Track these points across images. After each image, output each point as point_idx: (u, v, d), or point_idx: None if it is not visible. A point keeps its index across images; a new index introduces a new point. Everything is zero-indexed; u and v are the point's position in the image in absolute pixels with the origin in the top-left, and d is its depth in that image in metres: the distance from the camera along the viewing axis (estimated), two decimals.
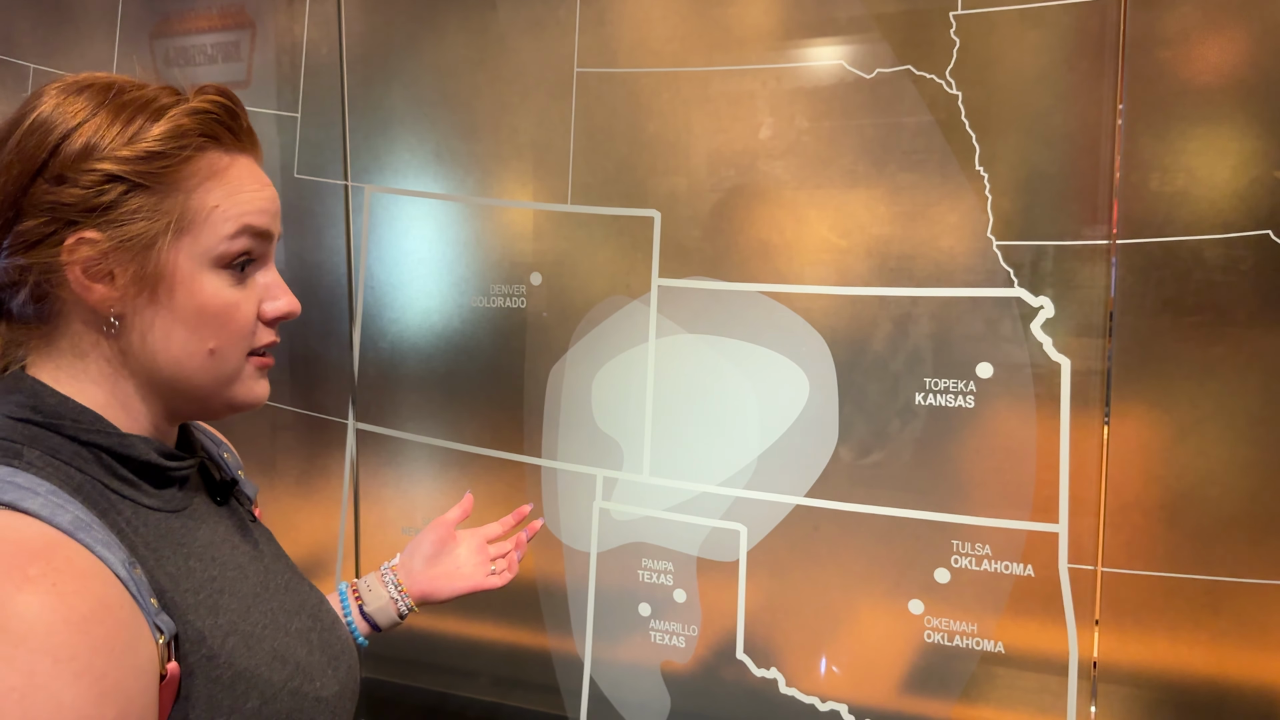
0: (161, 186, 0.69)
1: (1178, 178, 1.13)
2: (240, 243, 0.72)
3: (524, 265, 1.48)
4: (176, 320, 0.70)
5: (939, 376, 1.24)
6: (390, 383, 1.60)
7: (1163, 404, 1.16)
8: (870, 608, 1.30)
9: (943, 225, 1.22)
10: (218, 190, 0.71)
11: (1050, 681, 1.21)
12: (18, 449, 0.66)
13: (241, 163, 0.73)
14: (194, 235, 0.70)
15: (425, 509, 1.59)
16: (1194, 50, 1.11)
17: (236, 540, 0.79)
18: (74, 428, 0.69)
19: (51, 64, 1.82)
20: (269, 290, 0.75)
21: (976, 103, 1.20)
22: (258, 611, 0.74)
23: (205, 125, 0.71)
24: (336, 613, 0.88)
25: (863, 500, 1.29)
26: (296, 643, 0.76)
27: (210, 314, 0.71)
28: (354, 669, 0.84)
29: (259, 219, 0.73)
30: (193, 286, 0.70)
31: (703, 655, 1.41)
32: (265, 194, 0.74)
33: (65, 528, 0.62)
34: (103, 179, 0.67)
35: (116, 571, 0.62)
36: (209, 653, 0.67)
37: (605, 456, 1.44)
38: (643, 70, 1.37)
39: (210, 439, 0.92)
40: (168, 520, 0.73)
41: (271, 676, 0.71)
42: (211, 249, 0.71)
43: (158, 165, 0.68)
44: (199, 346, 0.71)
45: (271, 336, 0.76)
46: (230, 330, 0.72)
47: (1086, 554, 1.19)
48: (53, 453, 0.67)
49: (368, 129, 1.57)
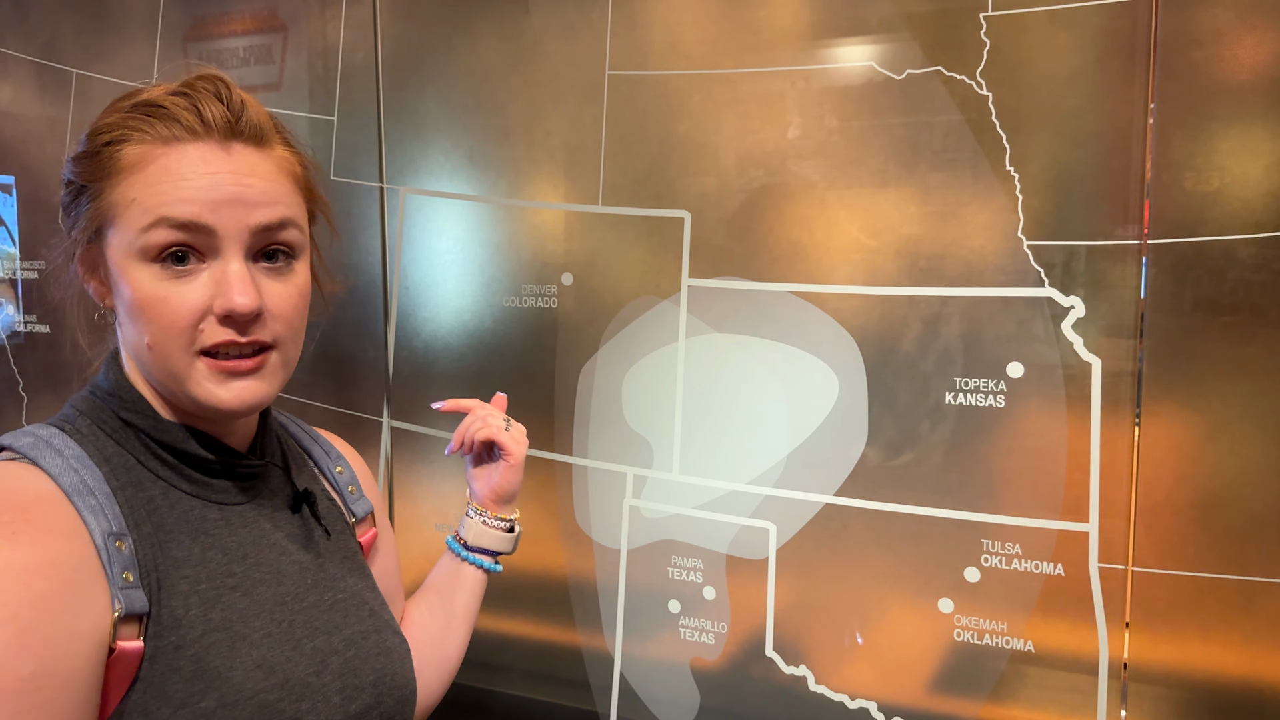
0: (96, 185, 0.72)
1: (1210, 177, 1.12)
2: (160, 234, 0.69)
3: (555, 266, 1.50)
4: (125, 313, 0.73)
5: (969, 376, 1.24)
6: (424, 381, 1.62)
7: (1194, 403, 1.15)
8: (900, 606, 1.30)
9: (973, 225, 1.23)
10: (139, 183, 0.70)
11: (1080, 681, 1.21)
12: (75, 417, 0.73)
13: (181, 152, 0.70)
14: (116, 229, 0.71)
15: (458, 506, 1.61)
16: (1227, 50, 1.11)
17: (292, 548, 0.79)
18: (119, 405, 0.74)
19: (94, 69, 1.86)
20: (220, 285, 0.71)
21: (1007, 103, 1.20)
22: (269, 618, 0.73)
23: (136, 120, 0.71)
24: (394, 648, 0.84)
25: (892, 499, 1.29)
26: (304, 661, 0.74)
27: (138, 307, 0.70)
28: (385, 708, 0.81)
29: (180, 209, 0.69)
30: (125, 279, 0.71)
31: (732, 652, 1.42)
32: (196, 183, 0.70)
33: (65, 488, 0.66)
34: (66, 184, 0.74)
35: (94, 538, 0.65)
36: (177, 641, 0.67)
37: (635, 455, 1.46)
38: (674, 72, 1.39)
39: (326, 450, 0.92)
40: (203, 509, 0.74)
41: (243, 683, 0.69)
42: (132, 242, 0.70)
43: (87, 165, 0.73)
44: (139, 340, 0.72)
45: (224, 335, 0.71)
46: (159, 325, 0.70)
47: (1117, 553, 1.19)
48: (101, 425, 0.73)
49: (402, 132, 1.60)
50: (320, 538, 0.83)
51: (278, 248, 0.74)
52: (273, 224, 0.73)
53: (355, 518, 0.91)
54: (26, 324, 1.99)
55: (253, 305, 0.71)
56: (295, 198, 0.76)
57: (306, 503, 0.82)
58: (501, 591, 1.60)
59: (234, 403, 0.72)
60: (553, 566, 1.54)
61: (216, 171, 0.70)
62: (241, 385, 0.72)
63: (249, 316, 0.71)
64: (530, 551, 1.56)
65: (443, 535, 1.62)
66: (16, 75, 1.94)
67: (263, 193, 0.72)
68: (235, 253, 0.71)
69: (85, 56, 1.87)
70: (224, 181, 0.70)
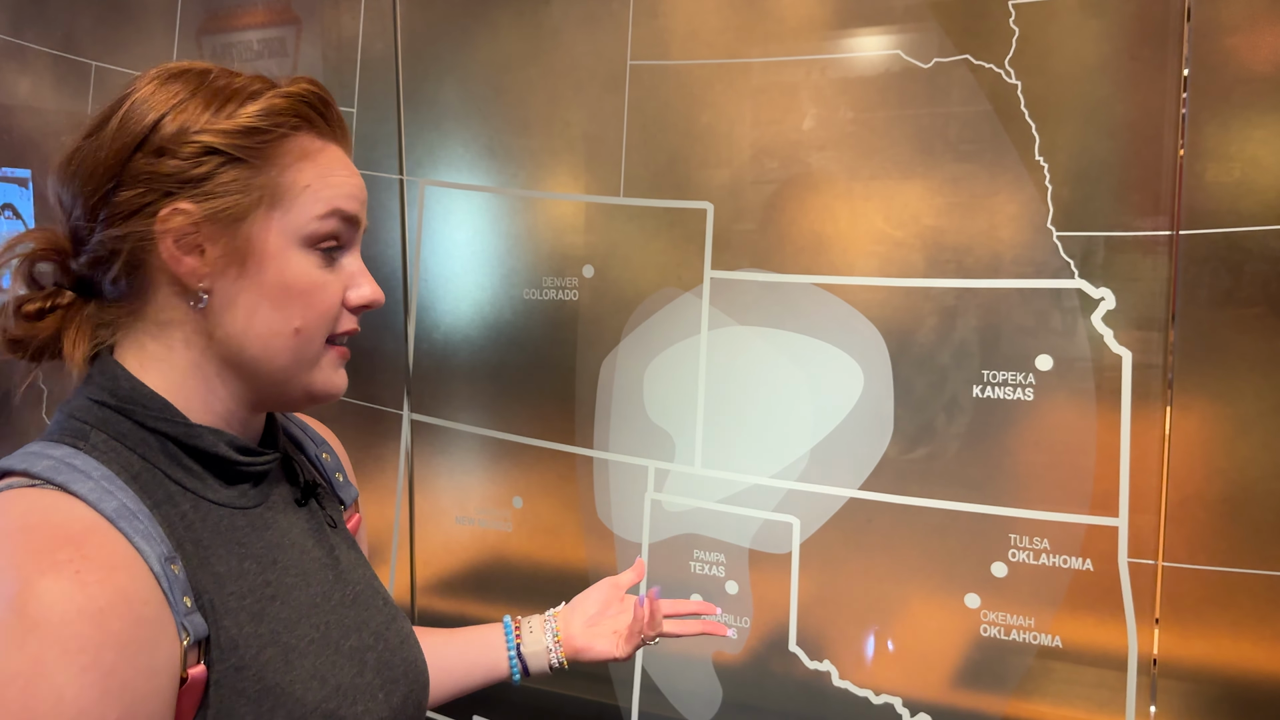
0: (256, 161, 0.70)
1: (1243, 167, 1.11)
2: (330, 224, 0.72)
3: (576, 258, 1.49)
4: (263, 297, 0.70)
5: (996, 369, 1.23)
6: (444, 374, 1.61)
7: (1226, 396, 1.14)
8: (925, 601, 1.29)
9: (1002, 216, 1.21)
10: (310, 170, 0.72)
11: (1109, 677, 1.20)
12: (86, 431, 0.68)
13: (333, 150, 0.75)
14: (285, 211, 0.71)
15: (477, 499, 1.60)
16: (1260, 36, 1.09)
17: (308, 545, 0.78)
18: (143, 414, 0.69)
19: (113, 61, 1.86)
20: (354, 278, 0.75)
21: (1036, 92, 1.18)
22: (308, 624, 0.72)
23: (299, 108, 0.72)
24: (409, 633, 0.84)
25: (918, 493, 1.28)
26: (346, 662, 0.74)
27: (297, 292, 0.71)
28: (416, 694, 0.81)
29: (349, 204, 0.74)
30: (281, 263, 0.70)
31: (754, 647, 1.41)
32: (355, 181, 0.76)
33: (108, 514, 0.62)
34: (200, 151, 0.68)
35: (151, 565, 0.62)
36: (238, 663, 0.66)
37: (657, 448, 1.45)
38: (696, 62, 1.38)
39: (312, 438, 0.91)
40: (232, 518, 0.72)
41: (305, 696, 0.68)
42: (302, 227, 0.71)
43: (254, 140, 0.70)
44: (284, 325, 0.71)
45: (352, 325, 0.76)
46: (315, 311, 0.72)
47: (1147, 548, 1.17)
48: (120, 437, 0.68)
49: (422, 124, 1.59)
50: (327, 529, 0.82)
51: None
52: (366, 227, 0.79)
53: (344, 505, 0.90)
54: None
55: (383, 298, 0.78)
56: None
57: (314, 495, 0.82)
58: (523, 584, 1.59)
59: (343, 387, 0.77)
60: (574, 560, 1.54)
61: (356, 174, 0.77)
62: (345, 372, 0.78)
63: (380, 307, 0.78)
64: (551, 545, 1.56)
65: (463, 529, 1.62)
66: (35, 68, 1.94)
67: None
68: (357, 250, 0.77)
69: (104, 49, 1.87)
70: (362, 184, 0.77)
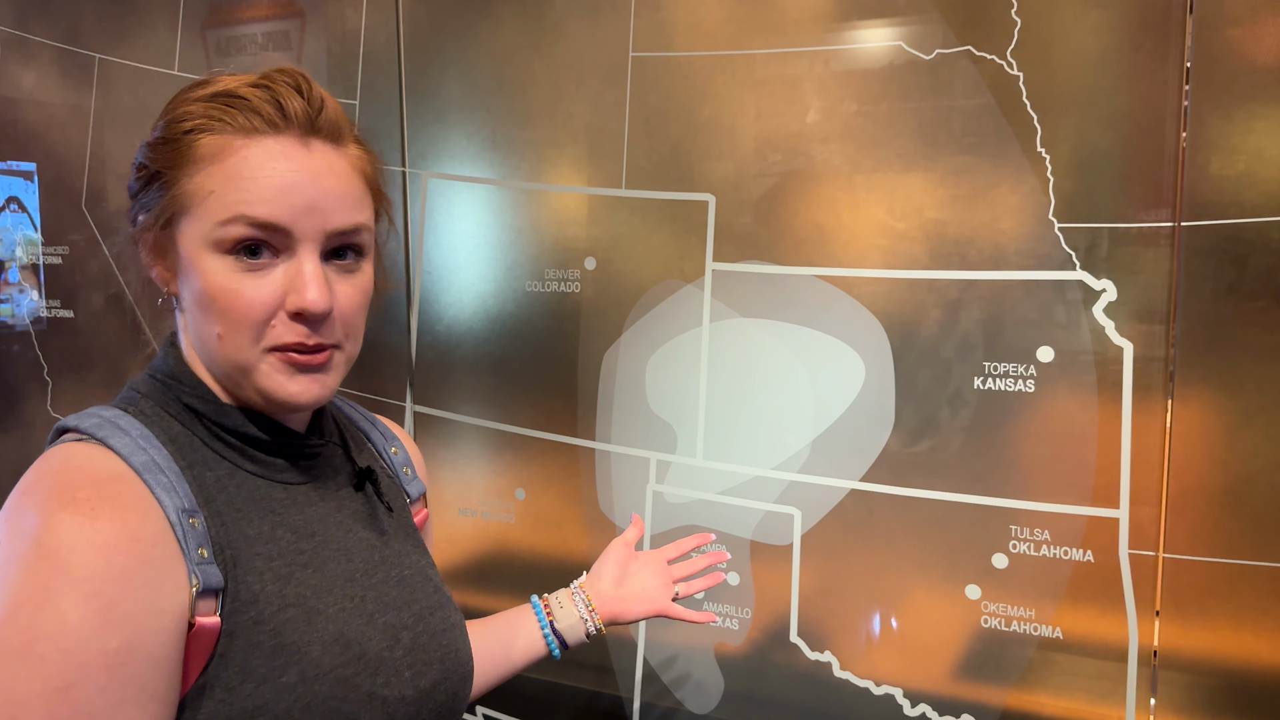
0: (171, 172, 0.71)
1: (1245, 159, 1.11)
2: (236, 230, 0.69)
3: (578, 250, 1.49)
4: (193, 301, 0.72)
5: (998, 360, 1.23)
6: (447, 366, 1.62)
7: (1227, 389, 1.14)
8: (926, 592, 1.30)
9: (1003, 207, 1.21)
10: (217, 175, 0.69)
11: (1109, 668, 1.20)
12: (138, 399, 0.74)
13: (261, 145, 0.70)
14: (191, 218, 0.70)
15: (480, 490, 1.61)
16: (1263, 28, 1.09)
17: (356, 527, 0.80)
18: (179, 389, 0.74)
19: (116, 54, 1.86)
20: (293, 282, 0.70)
21: (1038, 84, 1.18)
22: (341, 594, 0.74)
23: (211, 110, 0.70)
24: (457, 623, 0.85)
25: (919, 485, 1.28)
26: (377, 635, 0.75)
27: (209, 297, 0.70)
28: (451, 683, 0.81)
29: (259, 209, 0.69)
30: (197, 268, 0.70)
31: (756, 638, 1.42)
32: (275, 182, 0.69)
33: (136, 466, 0.66)
34: (138, 167, 0.74)
35: (167, 514, 0.66)
36: (256, 616, 0.68)
37: (659, 440, 1.45)
38: (698, 54, 1.37)
39: (382, 432, 0.94)
40: (269, 489, 0.75)
41: (321, 658, 0.70)
42: (208, 234, 0.69)
43: (163, 151, 0.72)
44: (209, 329, 0.71)
45: (295, 336, 0.71)
46: (232, 317, 0.70)
47: (1148, 540, 1.17)
48: (164, 406, 0.74)
49: (424, 116, 1.59)
50: (384, 515, 0.84)
51: (348, 247, 0.75)
52: (347, 229, 0.73)
53: (410, 498, 0.92)
54: (50, 309, 2.00)
55: (325, 305, 0.71)
56: (366, 198, 0.77)
57: (369, 479, 0.83)
58: (526, 576, 1.60)
59: (301, 396, 0.73)
60: (576, 551, 1.54)
61: (296, 170, 0.70)
62: (308, 379, 0.73)
63: (321, 316, 0.71)
64: (554, 536, 1.56)
65: (466, 520, 1.62)
66: (39, 60, 1.94)
67: (340, 196, 0.73)
68: (310, 253, 0.71)
69: (107, 41, 1.87)
70: (302, 183, 0.70)
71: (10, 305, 2.04)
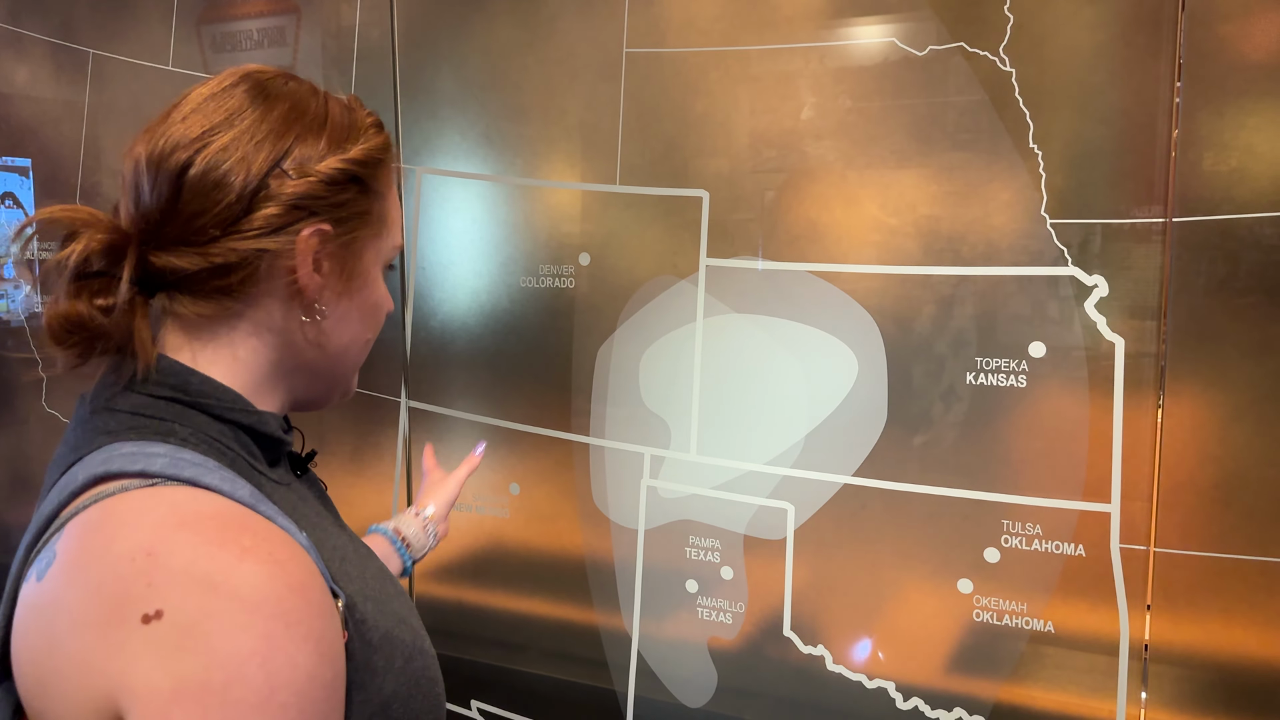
0: (377, 190, 0.76)
1: (1236, 155, 1.11)
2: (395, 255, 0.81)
3: (572, 245, 1.50)
4: (356, 311, 0.77)
5: (990, 356, 1.24)
6: (441, 362, 1.62)
7: (1218, 384, 1.15)
8: (918, 586, 1.30)
9: (995, 203, 1.22)
10: (393, 204, 0.79)
11: (1100, 662, 1.21)
12: (171, 426, 0.68)
13: None
14: (385, 237, 0.78)
15: (474, 485, 1.61)
16: (1255, 24, 1.09)
17: (323, 510, 0.81)
18: (218, 406, 0.70)
19: (110, 49, 1.86)
20: None
21: (1031, 80, 1.18)
22: (370, 576, 0.76)
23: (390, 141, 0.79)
24: None
25: (912, 480, 1.29)
26: (403, 604, 0.78)
27: (379, 309, 0.80)
28: None
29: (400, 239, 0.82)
30: (375, 282, 0.79)
31: (749, 632, 1.42)
32: None
33: (246, 501, 0.64)
34: (342, 176, 0.72)
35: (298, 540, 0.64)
36: (361, 616, 0.69)
37: (653, 435, 1.46)
38: (692, 50, 1.38)
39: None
40: (285, 493, 0.75)
41: (402, 636, 0.73)
42: (391, 252, 0.80)
43: (378, 170, 0.76)
44: (364, 336, 0.80)
45: None
46: (380, 324, 0.81)
47: (1139, 534, 1.18)
48: (200, 430, 0.69)
49: (419, 112, 1.59)
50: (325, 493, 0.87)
51: None
52: None
53: None
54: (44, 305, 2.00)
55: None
56: None
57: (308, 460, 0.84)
58: (520, 570, 1.60)
59: None
60: (570, 546, 1.55)
61: None
62: None
63: None
64: (548, 531, 1.57)
65: (460, 515, 1.63)
66: (33, 56, 1.94)
67: None
68: None
69: (101, 37, 1.87)
70: None
71: (5, 301, 2.04)
